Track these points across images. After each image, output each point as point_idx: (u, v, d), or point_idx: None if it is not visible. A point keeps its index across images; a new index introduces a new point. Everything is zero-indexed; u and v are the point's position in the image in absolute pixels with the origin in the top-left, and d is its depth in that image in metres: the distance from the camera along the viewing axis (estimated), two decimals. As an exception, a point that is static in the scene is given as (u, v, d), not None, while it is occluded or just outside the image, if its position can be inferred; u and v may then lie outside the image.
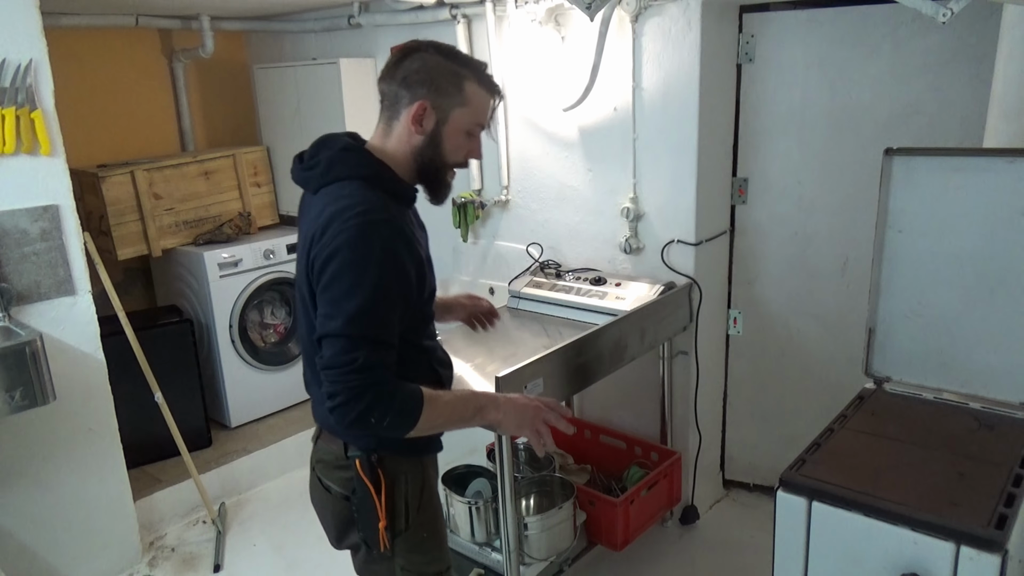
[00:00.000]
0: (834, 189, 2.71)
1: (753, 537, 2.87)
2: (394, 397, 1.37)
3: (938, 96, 2.46)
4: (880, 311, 1.96)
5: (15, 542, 2.57)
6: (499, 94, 1.52)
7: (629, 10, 2.62)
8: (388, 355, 1.38)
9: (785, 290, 2.91)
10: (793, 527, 1.57)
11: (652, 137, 2.74)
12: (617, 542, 2.59)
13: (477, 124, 1.50)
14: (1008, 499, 1.46)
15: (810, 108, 2.69)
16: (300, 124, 3.77)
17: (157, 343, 3.25)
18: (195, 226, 3.67)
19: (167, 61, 3.95)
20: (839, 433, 1.78)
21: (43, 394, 2.24)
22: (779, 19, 2.68)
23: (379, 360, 1.35)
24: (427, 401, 1.41)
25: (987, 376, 1.84)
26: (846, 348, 2.72)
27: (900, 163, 1.87)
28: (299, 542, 3.03)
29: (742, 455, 3.19)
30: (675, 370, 2.91)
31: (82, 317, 2.58)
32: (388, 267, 1.35)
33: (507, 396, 1.55)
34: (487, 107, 1.50)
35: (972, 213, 1.80)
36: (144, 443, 3.21)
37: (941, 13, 1.65)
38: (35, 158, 2.43)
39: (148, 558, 2.95)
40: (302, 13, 3.78)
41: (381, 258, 1.35)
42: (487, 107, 1.50)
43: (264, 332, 3.86)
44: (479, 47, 3.16)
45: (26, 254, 2.44)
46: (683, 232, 2.75)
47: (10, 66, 2.33)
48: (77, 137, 2.98)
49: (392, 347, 1.39)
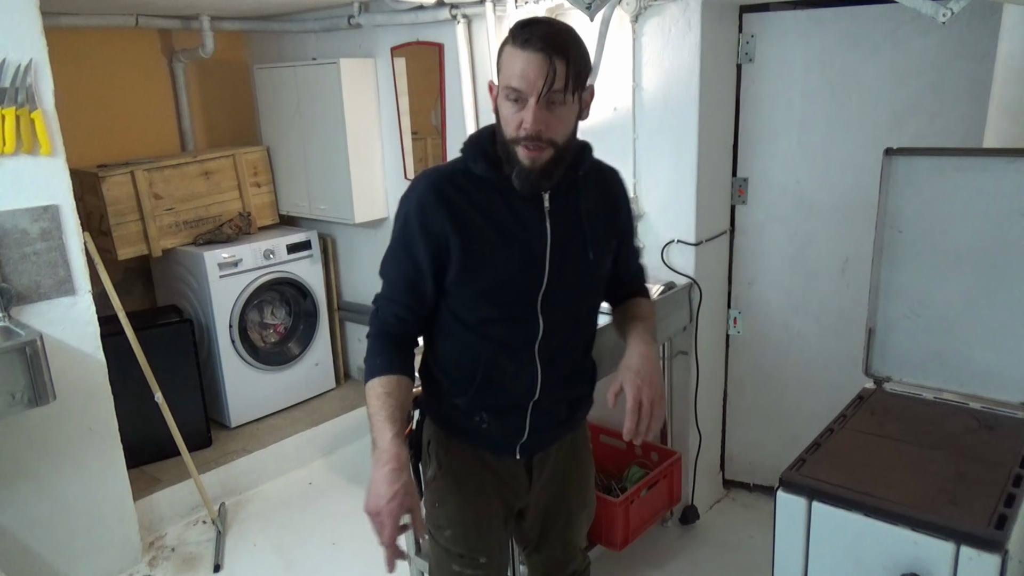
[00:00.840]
0: (834, 189, 2.71)
1: (753, 537, 2.87)
2: (369, 350, 1.51)
3: (938, 96, 2.46)
4: (880, 311, 1.96)
5: (15, 542, 2.57)
6: (526, 44, 1.31)
7: (629, 10, 2.62)
8: (391, 309, 1.51)
9: (785, 290, 2.91)
10: (793, 527, 1.57)
11: (652, 137, 2.74)
12: (617, 542, 2.59)
13: (507, 87, 1.35)
14: (1008, 499, 1.46)
15: (810, 108, 2.69)
16: (300, 124, 3.77)
17: (157, 343, 3.25)
18: (195, 226, 3.67)
19: (167, 61, 3.95)
20: (839, 433, 1.78)
21: (43, 394, 2.24)
22: (779, 19, 2.68)
23: (382, 310, 1.52)
24: (370, 386, 1.46)
25: (987, 376, 1.84)
26: (846, 348, 2.72)
27: (900, 163, 1.87)
28: (299, 542, 3.03)
29: (742, 455, 3.19)
30: (675, 370, 2.91)
31: (82, 317, 2.58)
32: (399, 233, 1.49)
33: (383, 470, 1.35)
34: (514, 65, 1.33)
35: (972, 213, 1.80)
36: (144, 443, 3.21)
37: (941, 13, 1.65)
38: (35, 158, 2.42)
39: (148, 558, 2.95)
40: (302, 13, 3.78)
41: (398, 224, 1.50)
42: (514, 65, 1.33)
43: (264, 332, 3.86)
44: (479, 47, 3.16)
45: (26, 254, 2.44)
46: (683, 232, 2.75)
47: (10, 66, 2.33)
48: (77, 137, 2.97)
49: (408, 294, 1.50)
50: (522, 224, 1.47)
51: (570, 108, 1.39)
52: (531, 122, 1.34)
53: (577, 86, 1.37)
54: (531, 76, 1.32)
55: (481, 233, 1.45)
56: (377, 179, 3.77)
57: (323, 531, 3.11)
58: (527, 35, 1.33)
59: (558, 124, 1.37)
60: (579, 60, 1.36)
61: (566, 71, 1.33)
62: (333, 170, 3.68)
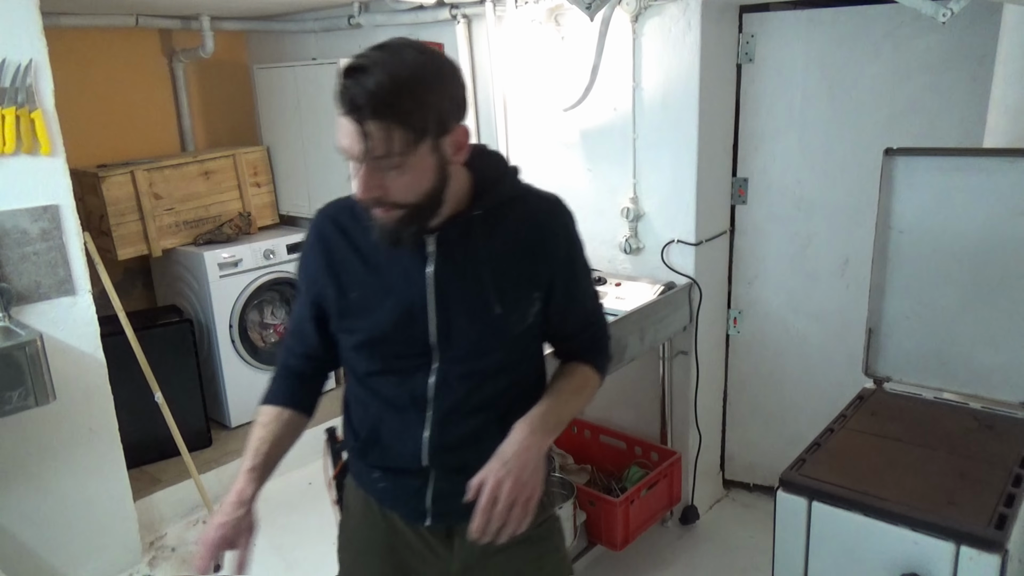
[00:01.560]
0: (834, 189, 2.71)
1: (753, 537, 2.87)
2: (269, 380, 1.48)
3: (938, 96, 2.46)
4: (880, 311, 1.96)
5: (15, 542, 2.57)
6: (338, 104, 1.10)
7: (629, 10, 2.62)
8: (289, 340, 1.47)
9: (785, 290, 2.91)
10: (793, 527, 1.57)
11: (652, 137, 2.74)
12: (617, 542, 2.59)
13: (339, 148, 1.14)
14: (1008, 499, 1.46)
15: (810, 108, 2.69)
16: (300, 124, 3.77)
17: (157, 343, 3.25)
18: (195, 226, 3.67)
19: (167, 61, 3.95)
20: (839, 433, 1.78)
21: (43, 394, 2.24)
22: (779, 19, 2.68)
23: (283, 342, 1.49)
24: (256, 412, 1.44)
25: (987, 376, 1.84)
26: (846, 348, 2.72)
27: (900, 163, 1.88)
28: (299, 542, 3.03)
29: (742, 455, 3.19)
30: (675, 370, 2.91)
31: (82, 317, 2.58)
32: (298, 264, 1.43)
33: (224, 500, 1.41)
34: (338, 123, 1.12)
35: (972, 213, 1.80)
36: (144, 443, 3.21)
37: (941, 13, 1.65)
38: (35, 158, 2.42)
39: (148, 558, 2.95)
40: (302, 13, 3.78)
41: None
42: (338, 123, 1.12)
43: (264, 332, 3.86)
44: (479, 47, 3.16)
45: (26, 254, 2.44)
46: (683, 232, 2.75)
47: (10, 66, 2.33)
48: (77, 137, 2.97)
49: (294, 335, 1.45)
50: (402, 272, 1.28)
51: (418, 164, 1.14)
52: (360, 190, 1.14)
53: (414, 143, 1.11)
54: (345, 143, 1.11)
55: (358, 281, 1.30)
56: (377, 179, 3.76)
57: (323, 531, 3.09)
58: (339, 90, 1.09)
59: (402, 187, 1.15)
60: (409, 116, 1.10)
61: (386, 135, 1.08)
62: (333, 170, 3.67)
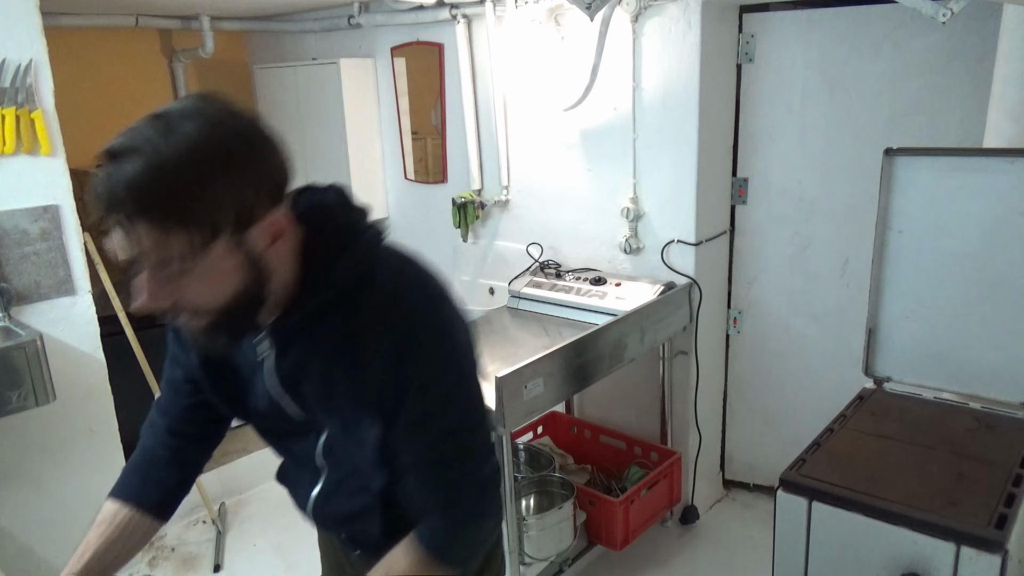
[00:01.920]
0: (834, 189, 2.71)
1: (753, 537, 2.87)
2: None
3: (938, 96, 2.46)
4: (880, 311, 1.96)
5: (15, 542, 2.57)
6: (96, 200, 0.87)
7: (629, 10, 2.62)
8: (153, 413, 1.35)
9: (785, 290, 2.91)
10: (793, 527, 1.57)
11: (652, 137, 2.74)
12: (617, 542, 2.59)
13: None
14: (1008, 499, 1.46)
15: (810, 108, 2.69)
16: (300, 124, 3.77)
17: (157, 343, 3.20)
18: (195, 226, 3.67)
19: (167, 61, 3.95)
20: (839, 433, 1.78)
21: (43, 394, 2.24)
22: (779, 19, 2.68)
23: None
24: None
25: (987, 376, 1.84)
26: (846, 348, 2.72)
27: (900, 163, 1.88)
28: (299, 542, 3.02)
29: (742, 455, 3.19)
30: (675, 370, 2.91)
31: (82, 317, 2.58)
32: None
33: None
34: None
35: (972, 213, 1.80)
36: (144, 443, 3.21)
37: (941, 13, 1.65)
38: (35, 158, 2.43)
39: (148, 558, 2.95)
40: (302, 13, 3.78)
41: None
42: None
43: (264, 332, 3.86)
44: (479, 47, 3.16)
45: (26, 254, 2.44)
46: (683, 232, 2.75)
47: (10, 66, 2.33)
48: (77, 137, 2.97)
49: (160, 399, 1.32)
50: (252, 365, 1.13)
51: (215, 267, 0.89)
52: (144, 300, 0.92)
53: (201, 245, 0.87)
54: (115, 245, 0.89)
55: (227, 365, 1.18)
56: (377, 179, 3.77)
57: (323, 531, 3.10)
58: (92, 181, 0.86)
59: (200, 293, 0.91)
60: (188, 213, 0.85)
61: (160, 237, 0.85)
62: (333, 170, 3.67)
